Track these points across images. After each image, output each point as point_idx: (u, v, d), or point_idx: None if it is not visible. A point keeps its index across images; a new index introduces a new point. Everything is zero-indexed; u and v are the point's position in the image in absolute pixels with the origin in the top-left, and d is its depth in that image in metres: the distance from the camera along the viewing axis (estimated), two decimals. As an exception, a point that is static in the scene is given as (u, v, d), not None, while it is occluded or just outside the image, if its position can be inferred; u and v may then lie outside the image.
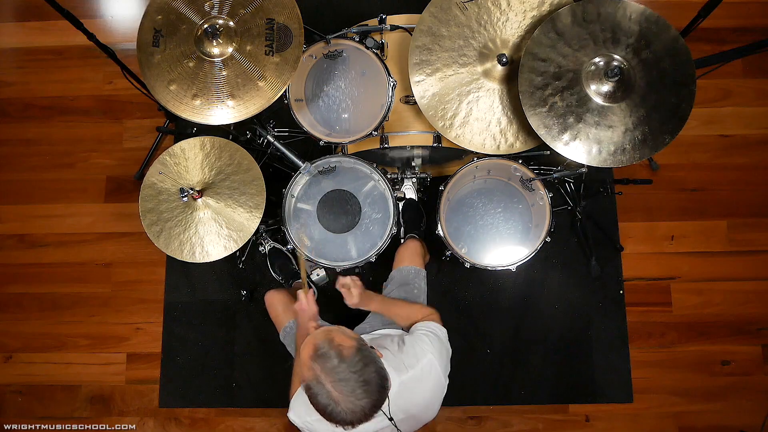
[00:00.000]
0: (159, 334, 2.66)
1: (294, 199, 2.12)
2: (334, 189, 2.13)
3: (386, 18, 2.09)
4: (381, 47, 2.07)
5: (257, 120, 2.23)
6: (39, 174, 2.85)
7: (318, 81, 2.12)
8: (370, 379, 1.32)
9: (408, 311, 1.81)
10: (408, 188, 2.47)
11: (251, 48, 1.77)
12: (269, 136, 2.15)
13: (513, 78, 1.87)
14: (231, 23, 1.79)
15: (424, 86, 1.89)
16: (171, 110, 1.78)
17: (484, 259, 2.12)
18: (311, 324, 1.57)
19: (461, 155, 2.25)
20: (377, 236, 2.08)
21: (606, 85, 1.75)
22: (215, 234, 1.94)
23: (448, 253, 2.16)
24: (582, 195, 2.51)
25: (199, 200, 1.92)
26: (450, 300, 2.61)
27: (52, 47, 2.95)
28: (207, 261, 1.94)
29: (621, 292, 2.62)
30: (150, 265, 2.72)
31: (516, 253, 2.08)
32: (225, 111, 1.76)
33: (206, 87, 1.77)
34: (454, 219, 2.18)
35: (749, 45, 1.74)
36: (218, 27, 1.77)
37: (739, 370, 2.56)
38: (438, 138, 2.05)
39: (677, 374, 2.57)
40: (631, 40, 1.75)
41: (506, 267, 2.04)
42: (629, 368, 2.56)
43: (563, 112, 1.76)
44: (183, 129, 2.71)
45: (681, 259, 2.66)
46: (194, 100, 1.77)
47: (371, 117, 2.01)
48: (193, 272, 2.69)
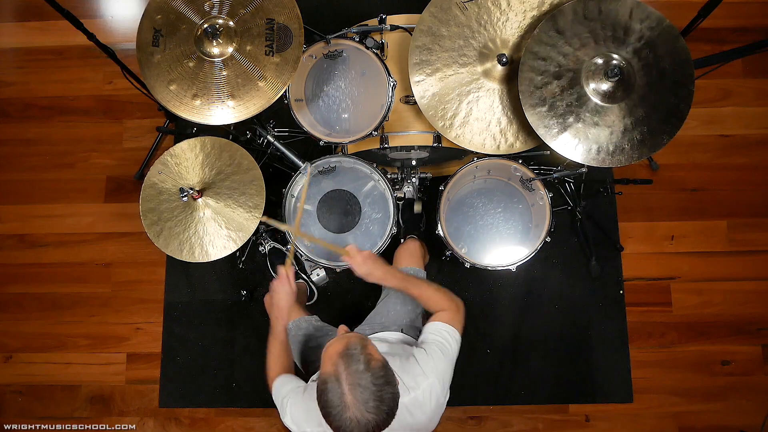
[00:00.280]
0: (159, 334, 2.66)
1: (294, 199, 2.12)
2: (334, 189, 2.13)
3: (386, 18, 2.09)
4: (381, 47, 2.07)
5: (257, 120, 2.23)
6: (39, 174, 2.85)
7: (318, 81, 2.12)
8: (385, 399, 1.30)
9: (429, 296, 1.73)
10: (408, 190, 2.47)
11: (251, 48, 1.77)
12: (269, 136, 2.15)
13: (513, 78, 1.87)
14: (231, 23, 1.79)
15: (424, 86, 1.89)
16: (171, 110, 1.78)
17: (484, 259, 2.12)
18: (342, 327, 1.50)
19: (461, 155, 2.25)
20: (377, 236, 2.08)
21: (606, 85, 1.75)
22: (215, 234, 1.94)
23: (448, 253, 2.16)
24: (582, 195, 2.51)
25: (199, 200, 1.92)
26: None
27: (52, 47, 2.95)
28: (207, 261, 1.94)
29: (621, 292, 2.62)
30: (150, 265, 2.72)
31: (516, 253, 2.08)
32: (225, 111, 1.76)
33: (206, 87, 1.77)
34: (454, 219, 2.18)
35: (749, 45, 1.74)
36: (218, 27, 1.77)
37: (739, 370, 2.56)
38: (438, 138, 2.05)
39: (677, 374, 2.57)
40: (632, 39, 1.75)
41: (506, 267, 2.04)
42: (629, 368, 2.56)
43: (563, 112, 1.76)
44: (183, 129, 2.71)
45: (681, 259, 2.66)
46: (194, 100, 1.77)
47: (371, 117, 2.01)
48: (193, 272, 2.69)
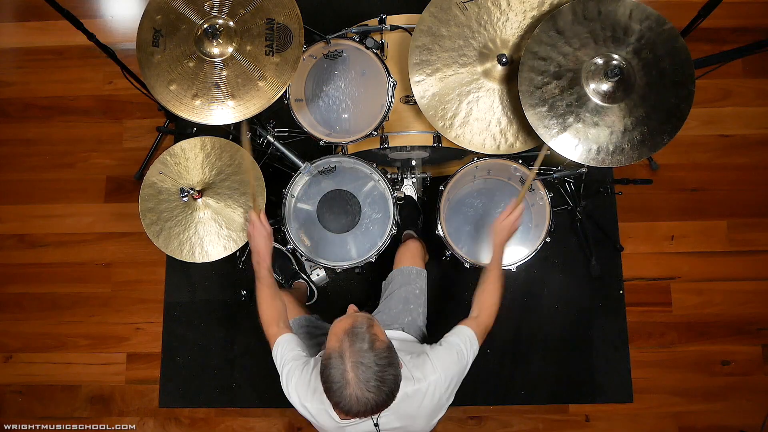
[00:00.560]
0: (159, 334, 2.66)
1: (294, 199, 2.12)
2: (334, 189, 2.13)
3: (386, 18, 2.09)
4: (381, 47, 2.07)
5: (257, 120, 2.23)
6: (39, 174, 2.85)
7: (318, 81, 2.12)
8: (387, 380, 1.32)
9: (491, 298, 1.77)
10: (408, 187, 2.47)
11: (251, 48, 1.77)
12: (269, 136, 2.15)
13: (513, 78, 1.87)
14: (231, 23, 1.79)
15: (424, 86, 1.89)
16: (171, 110, 1.78)
17: (484, 259, 2.12)
18: (352, 306, 1.51)
19: (461, 155, 2.25)
20: (377, 236, 2.08)
21: (606, 85, 1.75)
22: (215, 234, 1.94)
23: (448, 253, 2.16)
24: (582, 195, 2.51)
25: (199, 200, 1.92)
26: (450, 300, 2.60)
27: (52, 47, 2.95)
28: (207, 261, 1.94)
29: (621, 292, 2.62)
30: (150, 265, 2.72)
31: (516, 253, 2.08)
32: (225, 111, 1.76)
33: (206, 87, 1.77)
34: (454, 219, 2.18)
35: (749, 45, 1.74)
36: (218, 27, 1.77)
37: (739, 370, 2.56)
38: (438, 138, 2.05)
39: (677, 374, 2.57)
40: (632, 39, 1.75)
41: (506, 267, 2.04)
42: (629, 368, 2.56)
43: (563, 112, 1.76)
44: (183, 129, 2.71)
45: (681, 259, 2.66)
46: (194, 100, 1.77)
47: (371, 117, 2.01)
48: (193, 272, 2.69)
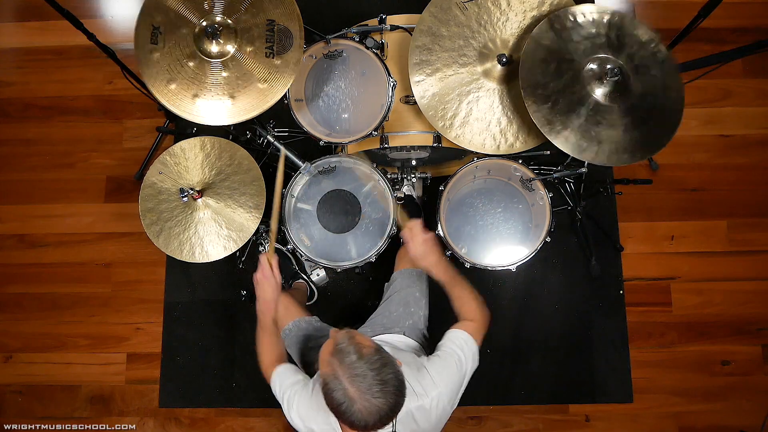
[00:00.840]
0: (159, 334, 2.66)
1: (294, 199, 2.12)
2: (334, 189, 2.13)
3: (386, 18, 2.09)
4: (381, 47, 2.07)
5: (257, 120, 2.23)
6: (39, 174, 2.85)
7: (318, 81, 2.12)
8: (388, 380, 1.30)
9: (464, 301, 1.73)
10: (408, 187, 2.47)
11: (251, 50, 1.77)
12: (269, 136, 2.15)
13: (513, 78, 1.87)
14: (230, 22, 1.79)
15: (424, 86, 1.89)
16: (171, 110, 1.78)
17: (484, 259, 2.12)
18: (333, 330, 1.51)
19: (461, 155, 2.25)
20: (377, 236, 2.08)
21: (606, 85, 1.75)
22: (215, 234, 1.94)
23: (448, 253, 2.15)
24: (582, 195, 2.51)
25: (199, 200, 1.92)
26: (450, 300, 2.60)
27: (52, 47, 2.95)
28: (207, 261, 1.94)
29: (621, 292, 2.62)
30: (150, 265, 2.72)
31: (516, 253, 2.08)
32: (225, 111, 1.76)
33: (206, 87, 1.77)
34: (454, 219, 2.18)
35: (749, 45, 1.74)
36: (218, 27, 1.77)
37: (739, 370, 2.56)
38: (438, 138, 2.05)
39: (677, 374, 2.57)
40: (625, 44, 1.76)
41: (506, 267, 2.04)
42: (629, 368, 2.56)
43: (565, 110, 1.76)
44: (183, 129, 2.71)
45: (681, 259, 2.66)
46: (194, 100, 1.77)
47: (371, 117, 2.01)
48: (193, 272, 2.69)
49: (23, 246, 2.79)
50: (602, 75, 1.74)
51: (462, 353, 1.59)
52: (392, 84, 1.96)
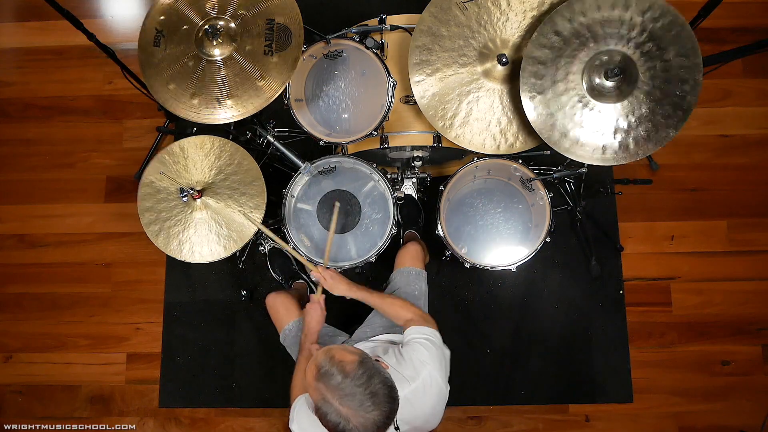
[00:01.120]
0: (159, 334, 2.66)
1: (294, 199, 2.12)
2: (334, 189, 2.13)
3: (386, 18, 2.09)
4: (381, 47, 2.07)
5: (257, 120, 2.23)
6: (39, 174, 2.85)
7: (318, 81, 2.12)
8: (377, 391, 1.30)
9: (389, 308, 1.80)
10: (408, 187, 2.47)
11: (251, 48, 1.77)
12: (269, 136, 2.15)
13: (513, 78, 1.87)
14: (232, 24, 1.79)
15: (424, 86, 1.89)
16: (170, 110, 1.78)
17: (484, 259, 2.12)
18: (313, 346, 1.55)
19: (461, 155, 2.25)
20: (377, 236, 2.08)
21: (608, 84, 1.75)
22: (215, 234, 1.93)
23: (448, 253, 2.16)
24: (582, 195, 2.51)
25: (199, 200, 1.92)
26: (450, 300, 2.61)
27: (52, 47, 2.95)
28: (206, 261, 1.94)
29: (621, 292, 2.62)
30: (150, 265, 2.72)
31: (516, 253, 2.08)
32: (225, 111, 1.76)
33: (206, 87, 1.77)
34: (454, 219, 2.18)
35: (749, 45, 1.73)
36: (219, 27, 1.77)
37: (739, 370, 2.56)
38: (438, 138, 2.05)
39: (677, 374, 2.57)
40: (633, 33, 1.73)
41: (506, 267, 2.04)
42: (629, 368, 2.56)
43: (566, 113, 1.76)
44: (183, 129, 2.71)
45: (681, 259, 2.66)
46: (193, 100, 1.77)
47: (371, 117, 2.01)
48: (193, 272, 2.69)
49: (23, 246, 2.79)
50: (604, 74, 1.74)
51: (428, 336, 1.62)
52: (392, 84, 1.96)
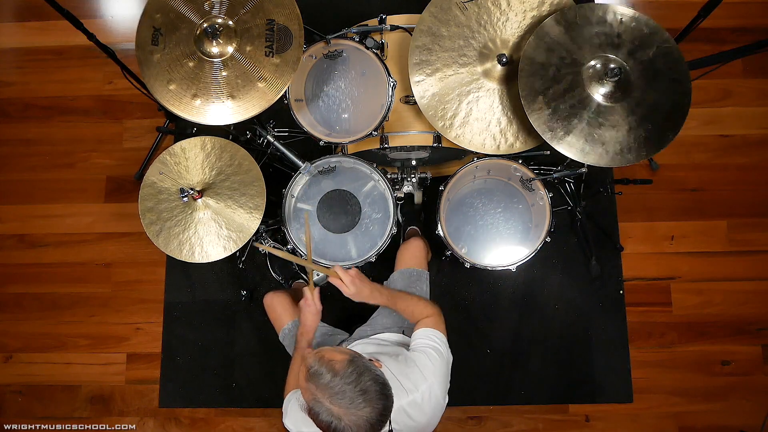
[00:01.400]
0: (159, 334, 2.66)
1: (294, 199, 2.12)
2: (334, 189, 2.13)
3: (386, 18, 2.09)
4: (381, 47, 2.07)
5: (257, 120, 2.22)
6: (39, 174, 2.85)
7: (318, 81, 2.12)
8: (367, 388, 1.30)
9: (413, 308, 1.76)
10: (408, 187, 2.47)
11: (251, 48, 1.77)
12: (269, 136, 2.15)
13: (513, 78, 1.87)
14: (231, 23, 1.79)
15: (424, 86, 1.89)
16: (171, 110, 1.78)
17: (484, 259, 2.12)
18: (306, 350, 1.53)
19: (461, 155, 2.25)
20: (377, 236, 2.08)
21: (606, 86, 1.75)
22: (215, 234, 1.94)
23: (448, 253, 2.16)
24: (582, 195, 2.51)
25: (199, 200, 1.92)
26: (450, 300, 2.61)
27: (52, 47, 2.95)
28: (206, 261, 1.94)
29: (621, 292, 2.62)
30: (150, 265, 2.72)
31: (516, 253, 2.08)
32: (225, 111, 1.76)
33: (206, 87, 1.77)
34: (454, 219, 2.18)
35: (749, 45, 1.74)
36: (218, 27, 1.77)
37: (739, 370, 2.56)
38: (438, 138, 2.05)
39: (677, 374, 2.57)
40: (625, 43, 1.76)
41: (506, 267, 2.04)
42: (629, 368, 2.56)
43: (566, 115, 1.76)
44: (183, 129, 2.71)
45: (681, 259, 2.66)
46: (194, 100, 1.77)
47: (371, 117, 2.01)
48: (193, 272, 2.69)
49: (23, 246, 2.79)
50: (603, 75, 1.74)
51: (437, 344, 1.61)
52: (392, 84, 1.96)
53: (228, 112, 1.76)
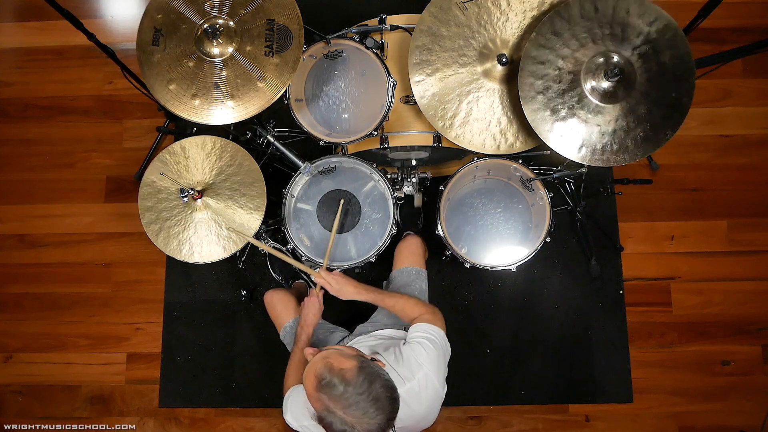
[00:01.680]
0: (159, 334, 2.66)
1: (294, 199, 2.12)
2: (334, 189, 2.13)
3: (386, 18, 2.09)
4: (381, 47, 2.07)
5: (257, 120, 2.22)
6: (39, 174, 2.85)
7: (318, 81, 2.12)
8: (379, 396, 1.30)
9: (402, 304, 1.77)
10: (408, 188, 2.47)
11: (251, 48, 1.77)
12: (269, 136, 2.15)
13: (513, 78, 1.87)
14: (231, 23, 1.79)
15: (424, 86, 1.89)
16: (170, 110, 1.78)
17: (484, 259, 2.12)
18: (307, 350, 1.53)
19: (461, 155, 2.25)
20: (377, 236, 2.08)
21: (606, 85, 1.75)
22: (215, 234, 1.93)
23: (448, 253, 2.16)
24: (582, 195, 2.51)
25: (199, 200, 1.92)
26: (450, 300, 2.61)
27: (52, 47, 2.95)
28: (206, 262, 1.94)
29: (621, 292, 2.62)
30: (150, 265, 2.72)
31: (516, 253, 2.08)
32: (225, 111, 1.76)
33: (206, 87, 1.77)
34: (454, 219, 2.18)
35: (749, 45, 1.74)
36: (218, 27, 1.77)
37: (739, 370, 2.56)
38: (438, 138, 2.05)
39: (677, 374, 2.57)
40: (630, 36, 1.74)
41: (506, 267, 2.04)
42: (629, 368, 2.56)
43: (565, 114, 1.76)
44: (183, 129, 2.71)
45: (681, 259, 2.66)
46: (194, 100, 1.77)
47: (371, 117, 2.01)
48: (193, 272, 2.69)
49: (23, 246, 2.79)
50: (603, 75, 1.74)
51: (430, 336, 1.61)
52: (392, 84, 1.96)
53: (228, 112, 1.76)
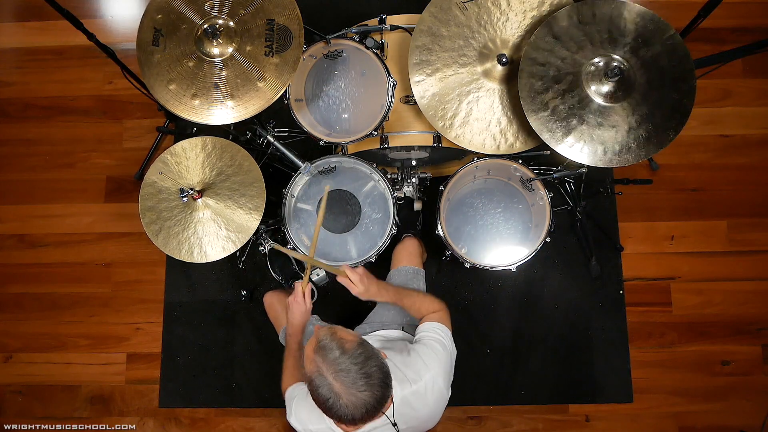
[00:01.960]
0: (159, 334, 2.66)
1: (294, 199, 2.12)
2: (334, 189, 2.13)
3: (386, 18, 2.09)
4: (381, 47, 2.07)
5: (257, 120, 2.23)
6: (39, 174, 2.85)
7: (318, 81, 2.12)
8: (372, 373, 1.31)
9: (419, 304, 1.76)
10: (408, 189, 2.47)
11: (251, 48, 1.77)
12: (269, 136, 2.15)
13: (513, 78, 1.87)
14: (231, 23, 1.79)
15: (424, 86, 1.89)
16: (170, 110, 1.79)
17: (484, 259, 2.12)
18: (315, 326, 1.52)
19: (461, 155, 2.25)
20: (377, 236, 2.08)
21: (606, 86, 1.75)
22: (214, 234, 1.94)
23: (448, 253, 2.16)
24: (582, 195, 2.51)
25: (199, 200, 1.92)
26: (450, 300, 2.58)
27: (52, 47, 2.94)
28: (206, 261, 1.94)
29: (621, 292, 2.62)
30: (150, 265, 2.72)
31: (516, 253, 2.08)
32: (225, 111, 1.76)
33: (206, 87, 1.77)
34: (454, 219, 2.18)
35: (749, 45, 1.74)
36: (218, 27, 1.77)
37: (739, 370, 2.56)
38: (438, 138, 2.05)
39: (677, 374, 2.57)
40: (628, 40, 1.75)
41: (506, 267, 2.04)
42: (629, 368, 2.56)
43: (566, 115, 1.76)
44: (183, 129, 2.71)
45: (681, 259, 2.66)
46: (193, 100, 1.77)
47: (371, 117, 2.01)
48: (193, 272, 2.69)
49: (23, 246, 2.79)
50: (603, 75, 1.74)
51: (441, 337, 1.61)
52: (392, 84, 1.96)
53: (228, 112, 1.76)
